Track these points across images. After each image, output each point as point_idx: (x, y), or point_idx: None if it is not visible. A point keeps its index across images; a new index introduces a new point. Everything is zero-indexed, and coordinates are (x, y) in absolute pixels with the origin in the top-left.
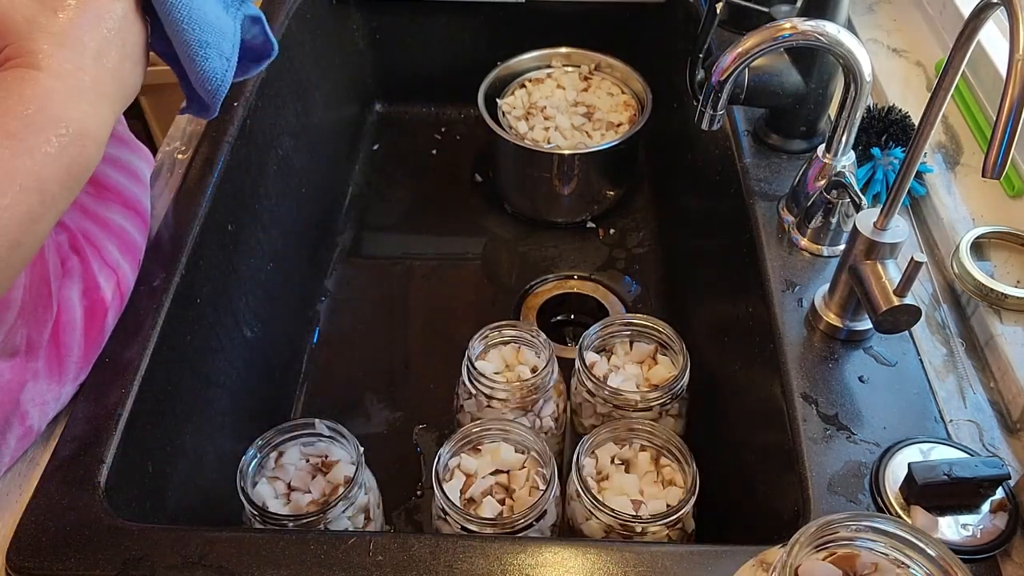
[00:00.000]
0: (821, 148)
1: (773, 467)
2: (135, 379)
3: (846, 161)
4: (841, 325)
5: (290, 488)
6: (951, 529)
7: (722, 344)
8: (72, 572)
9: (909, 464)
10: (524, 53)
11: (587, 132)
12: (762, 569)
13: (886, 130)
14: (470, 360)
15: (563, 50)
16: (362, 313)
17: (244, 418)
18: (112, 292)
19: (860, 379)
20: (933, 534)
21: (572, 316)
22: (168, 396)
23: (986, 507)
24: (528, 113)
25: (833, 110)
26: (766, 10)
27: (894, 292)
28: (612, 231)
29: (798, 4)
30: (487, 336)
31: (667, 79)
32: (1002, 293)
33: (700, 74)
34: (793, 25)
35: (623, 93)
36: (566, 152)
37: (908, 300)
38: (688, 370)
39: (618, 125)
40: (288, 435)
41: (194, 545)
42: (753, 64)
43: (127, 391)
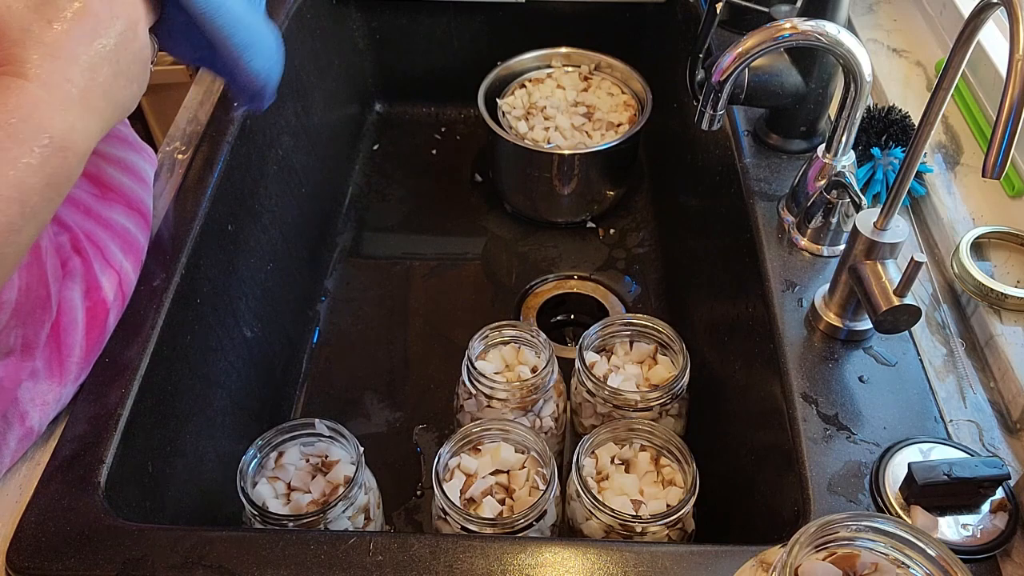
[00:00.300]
0: (821, 148)
1: (773, 467)
2: (135, 379)
3: (846, 161)
4: (841, 325)
5: (290, 488)
6: (951, 529)
7: (722, 344)
8: (72, 572)
9: (909, 464)
10: (524, 53)
11: (587, 132)
12: (762, 569)
13: (886, 130)
14: (470, 360)
15: (563, 50)
16: (362, 313)
17: (244, 418)
18: (114, 292)
19: (860, 379)
20: (933, 534)
21: (572, 316)
22: (168, 396)
23: (986, 507)
24: (528, 113)
25: (833, 110)
26: (766, 10)
27: (894, 292)
28: (612, 231)
29: (798, 4)
30: (487, 336)
31: (667, 79)
32: (1002, 293)
33: (700, 74)
34: (793, 25)
35: (623, 93)
36: (566, 152)
37: (908, 300)
38: (688, 370)
39: (618, 125)
40: (288, 435)
41: (194, 545)
42: (753, 64)
43: (127, 391)
